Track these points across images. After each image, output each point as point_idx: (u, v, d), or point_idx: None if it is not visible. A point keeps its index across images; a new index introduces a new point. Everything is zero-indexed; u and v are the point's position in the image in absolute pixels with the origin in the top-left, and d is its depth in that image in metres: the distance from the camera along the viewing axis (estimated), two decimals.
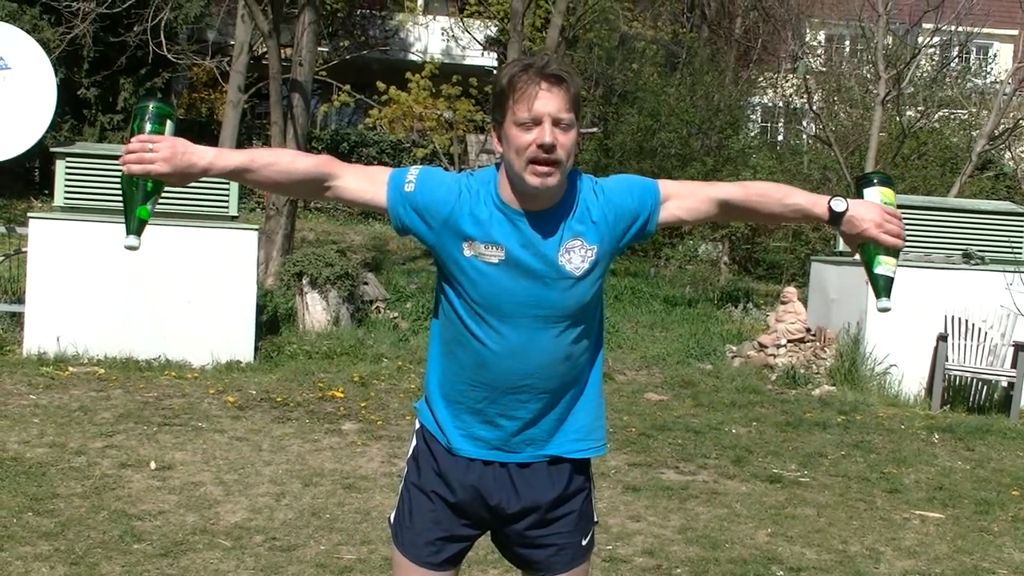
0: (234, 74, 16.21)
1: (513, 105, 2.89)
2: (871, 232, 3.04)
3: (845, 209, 3.05)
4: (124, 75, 22.76)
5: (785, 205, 3.14)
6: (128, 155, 2.88)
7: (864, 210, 3.05)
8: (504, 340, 3.04)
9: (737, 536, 6.58)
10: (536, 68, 2.90)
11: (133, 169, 2.88)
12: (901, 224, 3.08)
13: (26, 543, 5.74)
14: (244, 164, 2.99)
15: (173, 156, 2.88)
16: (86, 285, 10.60)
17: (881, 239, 3.05)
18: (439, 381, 3.16)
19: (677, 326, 15.27)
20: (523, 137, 2.88)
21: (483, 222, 2.99)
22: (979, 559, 6.45)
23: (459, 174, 3.10)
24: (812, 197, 3.14)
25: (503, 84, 2.93)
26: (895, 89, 17.76)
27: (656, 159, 22.18)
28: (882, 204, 3.11)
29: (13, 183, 21.27)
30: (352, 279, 12.71)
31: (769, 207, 3.16)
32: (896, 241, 3.06)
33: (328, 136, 25.29)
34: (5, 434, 7.85)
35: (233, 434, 8.29)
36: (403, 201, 3.03)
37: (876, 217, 3.05)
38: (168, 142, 2.89)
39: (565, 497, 3.18)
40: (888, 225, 3.05)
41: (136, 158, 2.87)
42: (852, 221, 3.05)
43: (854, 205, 3.06)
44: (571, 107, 2.90)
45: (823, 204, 3.08)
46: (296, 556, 5.81)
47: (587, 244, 3.03)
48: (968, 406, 11.37)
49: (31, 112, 11.23)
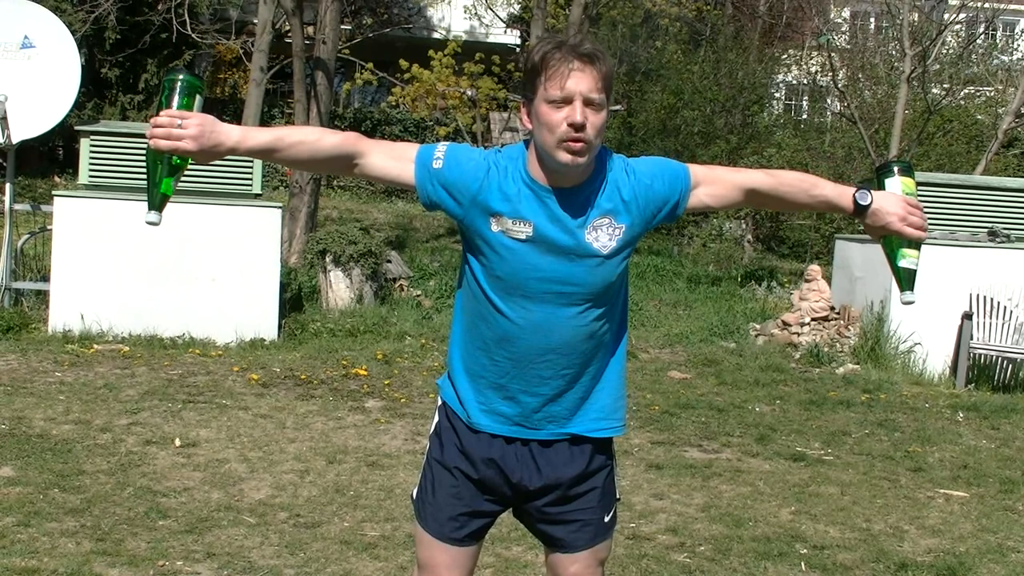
0: (257, 53, 16.21)
1: (545, 82, 2.88)
2: (895, 226, 3.06)
3: (870, 202, 3.06)
4: (147, 55, 22.76)
5: (812, 196, 3.15)
6: (156, 129, 2.85)
7: (888, 203, 3.07)
8: (528, 316, 3.04)
9: (760, 514, 6.57)
10: (569, 46, 2.88)
11: (161, 145, 2.86)
12: (924, 215, 3.09)
13: (52, 519, 5.78)
14: (271, 143, 2.98)
15: (201, 134, 2.86)
16: (111, 263, 10.64)
17: (905, 232, 3.06)
18: (462, 355, 3.16)
19: (701, 304, 15.24)
20: (554, 115, 2.87)
21: (511, 198, 2.99)
22: (1003, 538, 6.43)
23: (487, 150, 3.10)
24: (838, 188, 3.14)
25: (535, 61, 2.91)
26: (920, 66, 17.65)
27: (680, 137, 22.11)
28: (904, 195, 3.11)
29: (37, 162, 21.35)
30: (375, 257, 12.72)
31: (796, 197, 3.16)
32: (919, 234, 3.07)
33: (351, 114, 25.29)
34: (31, 411, 7.90)
35: (257, 411, 8.32)
36: (431, 178, 3.02)
37: (900, 210, 3.06)
38: (197, 119, 2.87)
39: (587, 474, 3.19)
40: (912, 218, 3.07)
41: (164, 133, 2.85)
42: (876, 214, 3.06)
43: (878, 198, 3.07)
44: (603, 87, 2.88)
45: (848, 196, 3.09)
46: (320, 533, 5.83)
47: (615, 223, 3.02)
48: (993, 385, 11.32)
49: (55, 91, 11.27)
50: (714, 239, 20.33)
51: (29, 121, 11.22)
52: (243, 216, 10.93)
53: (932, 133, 19.87)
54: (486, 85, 20.87)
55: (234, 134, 2.93)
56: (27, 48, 11.19)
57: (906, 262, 3.11)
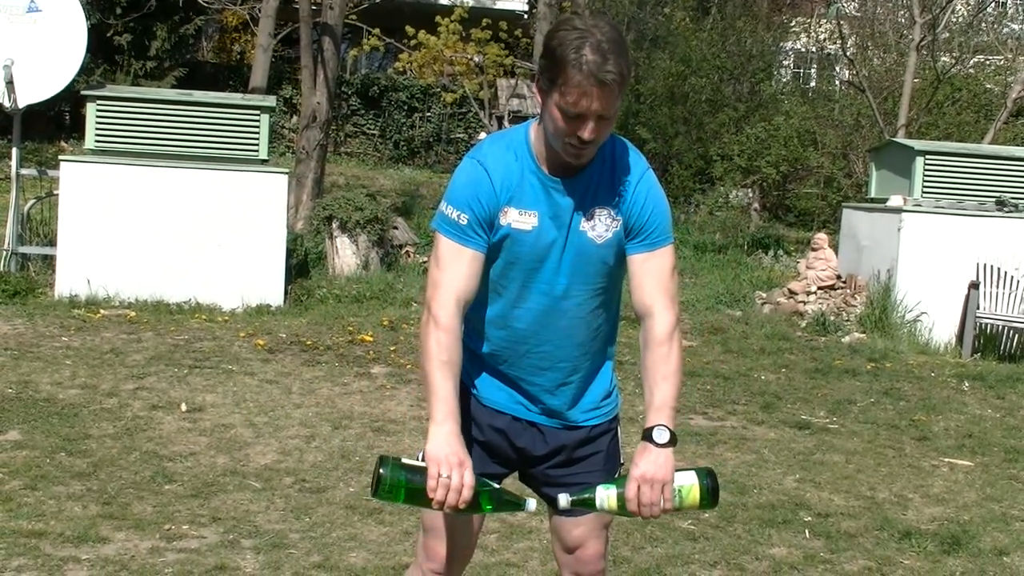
0: (264, 18, 16.14)
1: (563, 88, 2.80)
2: (633, 480, 2.85)
3: (652, 442, 2.87)
4: (157, 20, 22.64)
5: (648, 378, 2.96)
6: (444, 505, 2.77)
7: (654, 465, 2.85)
8: (526, 304, 3.07)
9: (765, 482, 6.59)
10: (591, 65, 2.76)
11: (455, 502, 2.76)
12: (659, 510, 2.86)
13: (59, 483, 5.81)
14: (456, 380, 2.91)
15: (459, 464, 2.76)
16: (117, 228, 10.64)
17: (629, 493, 2.85)
18: (464, 337, 3.15)
19: (707, 272, 15.22)
20: (565, 124, 2.84)
21: (517, 189, 3.00)
22: (1008, 506, 6.44)
23: (474, 161, 3.04)
24: (663, 404, 2.92)
25: (556, 58, 2.82)
26: (930, 34, 17.55)
27: (687, 104, 22.01)
28: (674, 487, 2.86)
29: (44, 126, 21.29)
30: (382, 223, 12.71)
31: (644, 363, 2.99)
32: (633, 508, 2.86)
33: (358, 80, 25.18)
34: (38, 375, 7.92)
35: (263, 377, 8.33)
36: (476, 231, 2.98)
37: (651, 478, 2.84)
38: (438, 466, 2.75)
39: (591, 438, 3.22)
40: (646, 497, 2.85)
41: (451, 500, 2.75)
42: (641, 458, 2.87)
43: (656, 455, 2.85)
44: (617, 100, 2.83)
45: (651, 421, 2.91)
46: (325, 498, 5.85)
47: (614, 215, 3.02)
48: (999, 354, 11.31)
49: (62, 55, 11.23)
50: (720, 207, 20.27)
51: (35, 86, 11.20)
52: (250, 182, 10.92)
53: (941, 102, 19.76)
54: (493, 52, 20.72)
55: (454, 427, 2.83)
56: (33, 12, 11.15)
57: (601, 495, 2.90)
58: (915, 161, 12.19)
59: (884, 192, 12.78)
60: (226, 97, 12.11)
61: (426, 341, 2.94)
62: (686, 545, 5.50)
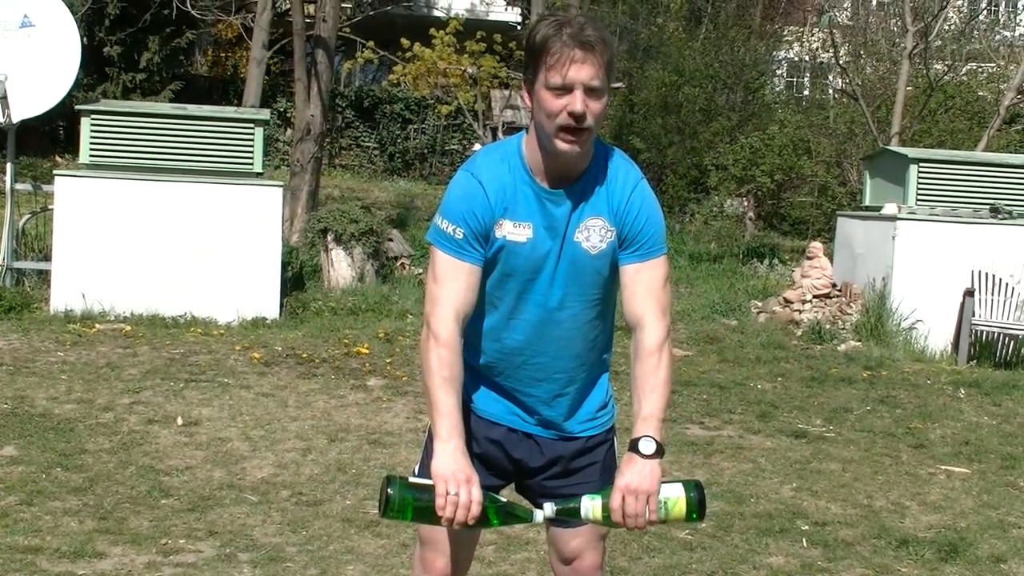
0: (258, 31, 16.18)
1: (546, 68, 2.84)
2: (618, 491, 2.84)
3: (638, 453, 2.86)
4: (148, 33, 22.67)
5: (637, 389, 2.96)
6: (453, 520, 2.79)
7: (639, 476, 2.84)
8: (521, 316, 3.07)
9: (762, 491, 6.58)
10: (571, 32, 2.82)
11: (464, 518, 2.78)
12: (643, 522, 2.84)
13: (55, 498, 5.80)
14: (458, 396, 2.93)
15: (466, 480, 2.79)
16: (112, 242, 10.64)
17: (614, 504, 2.84)
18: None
19: (702, 282, 15.23)
20: (554, 102, 2.85)
21: (511, 202, 3.00)
22: (1004, 514, 6.44)
23: (468, 174, 3.04)
24: (650, 415, 2.91)
25: (536, 43, 2.87)
26: (923, 42, 17.59)
27: (681, 114, 22.05)
28: (660, 499, 2.85)
29: (38, 141, 21.30)
30: (377, 235, 12.71)
31: (635, 373, 2.99)
32: (618, 519, 2.85)
33: (352, 93, 25.22)
34: (34, 390, 7.91)
35: (259, 390, 8.33)
36: (471, 244, 2.98)
37: (636, 488, 2.83)
38: (445, 483, 2.78)
39: (587, 449, 3.22)
40: (630, 508, 2.83)
41: (460, 516, 2.78)
42: (626, 467, 2.86)
43: (641, 466, 2.85)
44: (604, 73, 2.85)
45: (638, 431, 2.90)
46: (322, 511, 5.85)
47: (608, 225, 3.02)
48: (995, 361, 11.32)
49: (56, 70, 11.24)
50: (715, 216, 20.30)
51: (30, 101, 11.19)
52: (244, 195, 10.91)
53: (934, 110, 19.80)
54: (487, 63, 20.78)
55: (459, 444, 2.85)
56: (27, 27, 11.15)
57: (585, 505, 2.89)
58: (909, 169, 12.20)
59: (878, 200, 12.79)
60: (220, 111, 12.12)
61: (427, 357, 2.94)
62: (683, 555, 5.49)
